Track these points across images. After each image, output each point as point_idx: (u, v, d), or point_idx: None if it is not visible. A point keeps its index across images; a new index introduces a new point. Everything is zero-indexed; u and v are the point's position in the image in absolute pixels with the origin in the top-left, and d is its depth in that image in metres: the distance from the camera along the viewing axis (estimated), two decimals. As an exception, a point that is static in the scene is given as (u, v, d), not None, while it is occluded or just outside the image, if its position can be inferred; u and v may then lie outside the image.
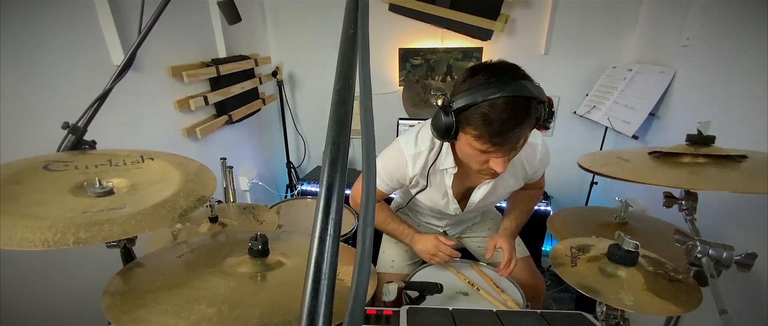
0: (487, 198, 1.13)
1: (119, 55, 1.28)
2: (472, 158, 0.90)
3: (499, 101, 0.77)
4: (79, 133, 0.80)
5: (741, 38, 1.30)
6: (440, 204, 1.15)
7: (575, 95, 2.24)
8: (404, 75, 2.38)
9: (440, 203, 1.15)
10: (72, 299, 1.17)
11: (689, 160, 0.81)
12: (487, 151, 0.85)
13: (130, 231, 0.56)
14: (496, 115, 0.78)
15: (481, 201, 1.13)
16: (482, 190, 1.10)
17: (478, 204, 1.14)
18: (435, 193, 1.13)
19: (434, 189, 1.12)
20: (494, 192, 1.13)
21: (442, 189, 1.12)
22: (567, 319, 0.88)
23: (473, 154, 0.88)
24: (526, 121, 0.81)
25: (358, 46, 0.32)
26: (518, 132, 0.81)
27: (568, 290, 2.17)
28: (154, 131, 1.52)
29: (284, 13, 2.41)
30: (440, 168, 1.06)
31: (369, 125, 0.30)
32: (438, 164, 1.06)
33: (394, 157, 1.09)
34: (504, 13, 2.10)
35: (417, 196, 1.17)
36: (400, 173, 1.09)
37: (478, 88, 0.79)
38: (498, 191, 1.13)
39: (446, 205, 1.15)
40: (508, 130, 0.79)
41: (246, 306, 0.60)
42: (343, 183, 0.28)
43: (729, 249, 0.71)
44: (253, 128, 2.35)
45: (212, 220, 1.13)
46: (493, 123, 0.78)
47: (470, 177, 1.09)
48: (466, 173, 1.07)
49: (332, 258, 0.26)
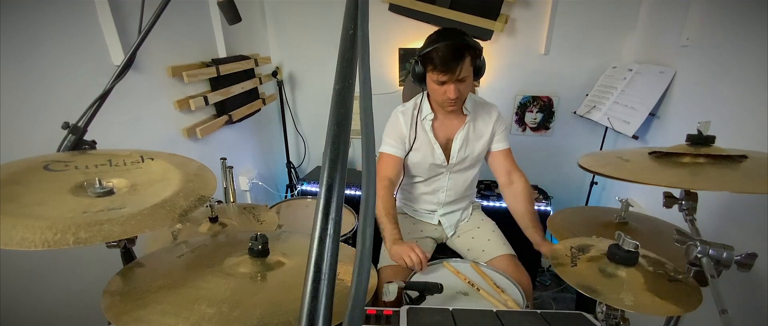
0: (464, 146, 1.40)
1: (119, 55, 1.28)
2: (436, 92, 1.27)
3: (442, 45, 1.18)
4: (79, 133, 0.80)
5: (741, 38, 1.30)
6: (429, 156, 1.40)
7: (575, 95, 2.24)
8: (404, 75, 2.38)
9: (428, 154, 1.40)
10: (72, 299, 1.17)
11: (689, 159, 0.81)
12: (442, 82, 1.22)
13: (130, 231, 0.56)
14: (443, 53, 1.17)
15: (461, 150, 1.40)
16: (459, 137, 1.39)
17: (459, 153, 1.40)
18: (423, 145, 1.39)
19: (422, 141, 1.39)
20: (468, 141, 1.40)
21: (426, 139, 1.39)
22: (567, 319, 0.88)
23: (436, 89, 1.26)
24: (464, 58, 1.19)
25: (358, 46, 0.32)
26: (458, 64, 1.18)
27: (568, 290, 2.18)
28: (154, 131, 1.52)
29: (284, 13, 2.41)
30: (421, 119, 1.38)
31: (369, 125, 0.30)
32: (421, 115, 1.38)
33: (390, 120, 1.43)
34: (504, 13, 2.10)
35: (410, 155, 1.40)
36: (397, 128, 1.39)
37: (433, 41, 1.21)
38: (471, 141, 1.41)
39: (433, 153, 1.39)
40: (451, 61, 1.17)
41: (246, 306, 0.60)
42: (343, 183, 0.28)
43: (729, 249, 0.71)
44: (253, 128, 2.35)
45: (212, 220, 1.13)
46: (442, 58, 1.18)
47: (445, 126, 1.40)
48: (442, 123, 1.40)
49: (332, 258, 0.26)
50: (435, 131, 1.39)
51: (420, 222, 1.55)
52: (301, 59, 2.52)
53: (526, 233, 1.37)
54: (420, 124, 1.38)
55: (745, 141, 1.20)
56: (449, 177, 1.45)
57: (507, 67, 2.25)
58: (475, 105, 1.41)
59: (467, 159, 1.42)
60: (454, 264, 1.25)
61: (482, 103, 1.44)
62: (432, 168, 1.43)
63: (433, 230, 1.53)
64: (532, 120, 2.38)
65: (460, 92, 1.25)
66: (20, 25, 1.03)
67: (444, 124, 1.40)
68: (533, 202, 1.43)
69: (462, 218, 1.55)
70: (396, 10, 2.23)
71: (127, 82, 0.87)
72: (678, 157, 0.83)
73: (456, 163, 1.41)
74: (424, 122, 1.38)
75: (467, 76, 1.23)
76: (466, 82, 1.24)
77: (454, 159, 1.40)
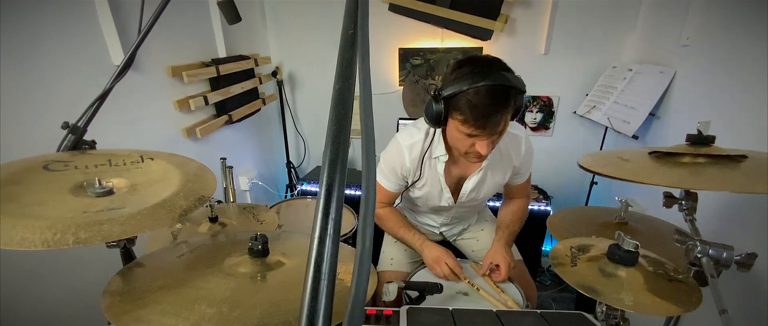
0: (477, 188, 1.19)
1: (119, 55, 1.28)
2: (460, 141, 0.99)
3: (482, 89, 0.87)
4: (79, 133, 0.80)
5: (741, 38, 1.30)
6: (435, 196, 1.20)
7: (575, 95, 2.24)
8: (404, 75, 2.37)
9: (435, 195, 1.20)
10: (72, 299, 1.17)
11: (689, 159, 0.81)
12: (472, 135, 0.94)
13: (130, 231, 0.56)
14: (479, 101, 0.87)
15: (473, 191, 1.19)
16: (473, 180, 1.16)
17: (469, 195, 1.19)
18: (429, 184, 1.18)
19: (428, 180, 1.18)
20: (484, 183, 1.19)
21: (435, 179, 1.17)
22: (567, 319, 0.88)
23: (460, 138, 0.97)
24: (507, 107, 0.90)
25: (358, 46, 0.32)
26: (499, 117, 0.90)
27: (568, 290, 2.17)
28: (154, 131, 1.52)
29: (284, 13, 2.41)
30: (433, 156, 1.14)
31: (369, 125, 0.30)
32: (431, 152, 1.13)
33: (392, 151, 1.17)
34: (504, 13, 2.10)
35: (413, 190, 1.21)
36: (399, 165, 1.15)
37: (464, 77, 0.89)
38: (487, 182, 1.19)
39: (440, 196, 1.20)
40: (491, 114, 0.89)
41: (246, 306, 0.60)
42: (343, 183, 0.28)
43: (729, 249, 0.71)
44: (253, 128, 2.35)
45: (212, 220, 1.13)
46: (477, 108, 0.88)
47: (460, 166, 1.17)
48: (457, 163, 1.16)
49: (332, 258, 0.25)
50: (447, 172, 1.17)
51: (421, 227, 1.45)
52: (301, 59, 2.52)
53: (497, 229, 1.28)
54: (428, 163, 1.15)
55: (745, 141, 1.20)
56: (452, 214, 1.33)
57: (507, 67, 2.25)
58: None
59: (478, 200, 1.25)
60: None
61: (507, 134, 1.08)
62: (436, 207, 1.27)
63: (434, 237, 1.46)
64: (532, 120, 2.38)
65: (494, 146, 1.01)
66: (20, 25, 1.03)
67: (458, 166, 1.18)
68: (520, 221, 1.30)
69: (466, 226, 1.47)
70: (396, 10, 2.22)
71: (127, 82, 0.87)
72: (678, 157, 0.83)
73: (466, 201, 1.23)
74: (435, 162, 1.15)
75: (506, 127, 0.97)
76: (502, 134, 0.98)
77: (464, 199, 1.21)
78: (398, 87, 2.42)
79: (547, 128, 2.39)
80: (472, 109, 0.88)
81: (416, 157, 1.13)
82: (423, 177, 1.16)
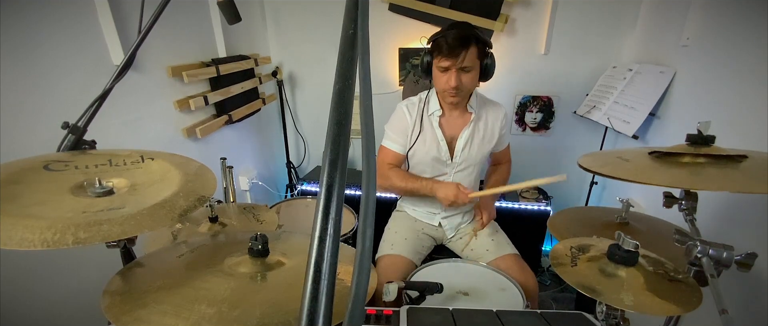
0: (468, 145, 1.40)
1: (119, 55, 1.28)
2: (439, 79, 1.28)
3: (451, 31, 1.22)
4: (79, 132, 0.80)
5: (741, 38, 1.30)
6: (433, 148, 1.40)
7: (575, 95, 2.24)
8: (404, 75, 2.37)
9: (433, 147, 1.40)
10: (72, 299, 1.17)
11: (689, 159, 0.81)
12: (446, 68, 1.24)
13: (130, 231, 0.56)
14: (449, 39, 1.20)
15: (465, 148, 1.40)
16: (464, 137, 1.39)
17: (463, 151, 1.40)
18: (429, 138, 1.39)
19: (427, 134, 1.39)
20: (473, 140, 1.41)
21: (432, 134, 1.39)
22: (567, 319, 0.88)
23: (439, 76, 1.28)
24: (468, 46, 1.20)
25: (358, 46, 0.32)
26: (462, 50, 1.20)
27: (568, 290, 2.17)
28: (154, 131, 1.52)
29: (284, 13, 2.41)
30: (429, 113, 1.39)
31: (369, 125, 0.30)
32: (427, 109, 1.39)
33: (395, 114, 1.43)
34: (504, 13, 2.10)
35: (414, 150, 1.41)
36: (401, 123, 1.40)
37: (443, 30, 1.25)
38: (476, 140, 1.41)
39: (438, 148, 1.39)
40: (456, 47, 1.19)
41: (246, 306, 0.60)
42: (343, 183, 0.28)
43: (729, 249, 0.71)
44: (253, 128, 2.35)
45: (212, 220, 1.13)
46: (448, 43, 1.20)
47: (451, 123, 1.40)
48: (448, 121, 1.40)
49: (332, 258, 0.26)
50: (442, 127, 1.39)
51: (420, 222, 1.55)
52: (301, 59, 2.52)
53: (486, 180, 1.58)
54: (426, 118, 1.39)
55: (745, 141, 1.20)
56: (452, 177, 1.44)
57: (507, 66, 2.25)
58: (480, 103, 1.41)
59: (471, 158, 1.42)
60: (455, 263, 1.25)
61: (488, 102, 1.44)
62: (435, 165, 1.42)
63: (433, 230, 1.54)
64: (532, 120, 2.38)
65: (462, 82, 1.25)
66: (20, 25, 1.03)
67: (450, 122, 1.40)
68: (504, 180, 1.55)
69: (463, 221, 1.55)
70: (396, 10, 2.22)
71: (127, 81, 0.87)
72: (678, 157, 0.83)
73: (460, 162, 1.41)
74: (431, 117, 1.38)
75: (472, 67, 1.24)
76: (470, 74, 1.25)
77: (458, 158, 1.41)
78: (398, 87, 2.42)
79: (547, 128, 2.39)
80: (445, 44, 1.20)
81: (414, 113, 1.39)
82: (423, 131, 1.39)
